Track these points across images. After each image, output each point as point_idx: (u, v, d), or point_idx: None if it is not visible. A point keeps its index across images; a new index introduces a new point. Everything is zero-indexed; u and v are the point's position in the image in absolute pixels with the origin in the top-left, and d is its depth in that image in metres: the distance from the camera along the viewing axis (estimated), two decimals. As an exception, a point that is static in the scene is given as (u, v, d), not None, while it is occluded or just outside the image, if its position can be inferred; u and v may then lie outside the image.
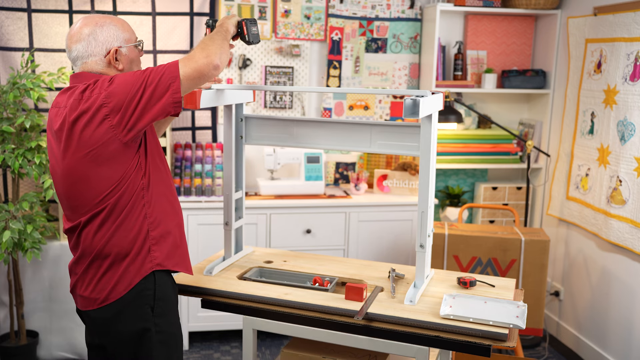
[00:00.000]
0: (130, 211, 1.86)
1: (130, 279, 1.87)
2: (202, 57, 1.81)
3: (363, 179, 3.87)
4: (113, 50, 1.90)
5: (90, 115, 1.77)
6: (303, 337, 2.22)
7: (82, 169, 1.82)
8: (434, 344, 1.91)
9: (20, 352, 3.31)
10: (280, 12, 3.84)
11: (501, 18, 4.03)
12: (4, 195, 3.59)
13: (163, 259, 1.92)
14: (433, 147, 2.05)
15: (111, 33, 1.91)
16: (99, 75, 1.89)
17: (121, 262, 1.87)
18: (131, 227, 1.87)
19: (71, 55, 1.92)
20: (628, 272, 3.22)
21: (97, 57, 1.90)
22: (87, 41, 1.89)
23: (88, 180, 1.83)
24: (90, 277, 1.89)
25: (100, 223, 1.85)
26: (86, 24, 1.90)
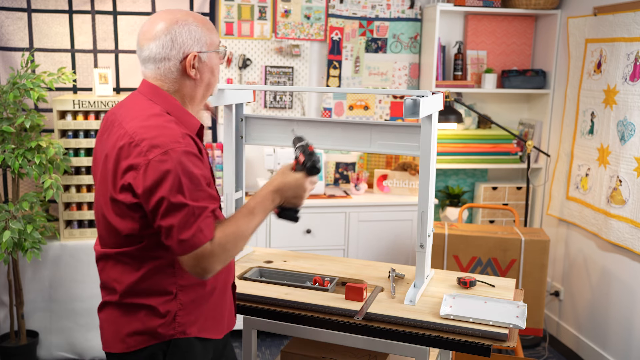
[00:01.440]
0: (155, 271, 1.58)
1: (145, 338, 1.60)
2: (221, 260, 1.50)
3: (363, 179, 3.87)
4: (191, 55, 1.59)
5: (118, 164, 1.52)
6: (303, 337, 2.22)
7: (103, 201, 1.60)
8: (433, 344, 1.91)
9: (20, 352, 3.31)
10: (280, 12, 3.84)
11: (501, 18, 4.03)
12: (4, 195, 3.59)
13: (187, 326, 1.61)
14: (433, 147, 2.05)
15: (192, 34, 1.59)
16: (172, 101, 1.61)
17: (140, 314, 1.59)
18: (160, 281, 1.58)
19: (142, 54, 1.60)
20: (628, 272, 3.22)
21: (171, 62, 1.59)
22: (163, 41, 1.57)
23: (105, 217, 1.59)
24: (106, 312, 1.66)
25: (116, 262, 1.61)
26: (164, 19, 1.59)
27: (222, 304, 1.72)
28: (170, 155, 1.46)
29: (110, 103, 3.39)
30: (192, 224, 1.46)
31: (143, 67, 1.64)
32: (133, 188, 1.49)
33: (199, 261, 1.47)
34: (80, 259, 3.42)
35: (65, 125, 3.37)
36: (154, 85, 1.62)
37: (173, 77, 1.61)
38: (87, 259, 3.43)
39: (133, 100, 1.64)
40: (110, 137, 1.59)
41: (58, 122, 3.35)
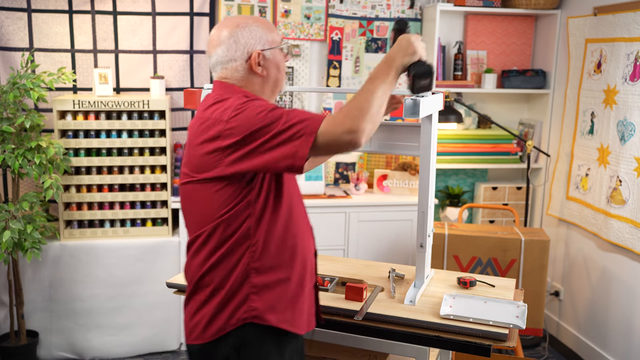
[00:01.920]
0: (232, 250, 1.64)
1: (220, 326, 1.65)
2: (346, 131, 1.51)
3: (363, 179, 3.87)
4: (255, 53, 1.70)
5: (205, 139, 1.61)
6: (303, 337, 2.22)
7: (190, 187, 1.68)
8: (434, 344, 1.91)
9: (20, 352, 3.31)
10: (280, 12, 3.84)
11: (501, 18, 4.03)
12: (4, 195, 3.59)
13: (263, 311, 1.64)
14: (433, 147, 2.05)
15: (253, 34, 1.71)
16: (235, 88, 1.71)
17: (217, 301, 1.65)
18: (229, 267, 1.65)
19: (211, 61, 1.74)
20: (628, 272, 3.22)
21: (237, 63, 1.70)
22: (228, 44, 1.70)
23: (193, 202, 1.68)
24: (190, 306, 1.72)
25: (198, 248, 1.68)
26: (225, 26, 1.72)
27: (301, 299, 1.74)
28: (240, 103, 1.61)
29: (110, 103, 3.39)
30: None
31: (213, 73, 1.76)
32: (219, 142, 1.59)
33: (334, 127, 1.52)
34: (80, 259, 3.42)
35: (65, 125, 3.37)
36: (225, 82, 1.73)
37: (240, 76, 1.72)
38: (87, 259, 3.43)
39: (206, 100, 1.73)
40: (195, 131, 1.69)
41: (58, 122, 3.35)
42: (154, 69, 3.72)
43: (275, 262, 1.67)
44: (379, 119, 1.59)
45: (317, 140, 1.52)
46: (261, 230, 1.65)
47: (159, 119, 3.47)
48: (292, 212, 1.72)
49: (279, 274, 1.68)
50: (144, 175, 3.49)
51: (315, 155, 1.55)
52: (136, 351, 3.57)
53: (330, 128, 1.52)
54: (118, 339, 3.53)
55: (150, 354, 3.60)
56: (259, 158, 1.55)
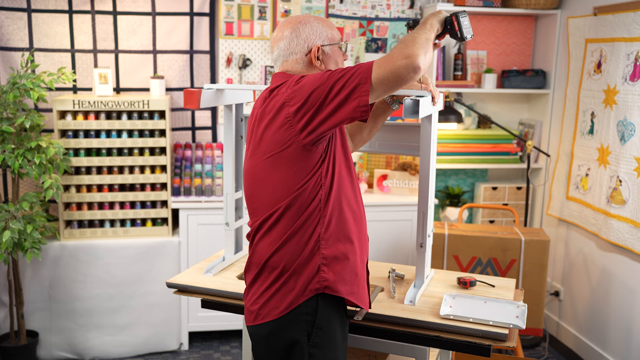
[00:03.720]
0: (304, 223, 1.70)
1: (292, 299, 1.69)
2: (400, 57, 1.57)
3: (363, 179, 3.87)
4: (315, 48, 1.79)
5: (272, 114, 1.68)
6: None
7: (261, 170, 1.73)
8: (434, 344, 1.91)
9: (20, 352, 3.31)
10: (280, 12, 3.84)
11: (501, 18, 4.03)
12: (4, 195, 3.59)
13: (334, 282, 1.71)
14: (433, 147, 2.05)
15: (314, 30, 1.81)
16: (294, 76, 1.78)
17: (287, 278, 1.69)
18: (302, 241, 1.70)
19: (273, 56, 1.85)
20: (628, 272, 3.22)
21: (297, 56, 1.81)
22: (290, 39, 1.80)
23: (265, 183, 1.72)
24: (255, 289, 1.76)
25: (268, 229, 1.72)
26: (288, 23, 1.83)
27: (362, 275, 1.82)
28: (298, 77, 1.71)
29: (110, 103, 3.39)
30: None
31: (275, 67, 1.86)
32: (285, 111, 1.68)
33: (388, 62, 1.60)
34: (80, 259, 3.42)
35: (65, 125, 3.37)
36: (281, 72, 1.82)
37: (300, 68, 1.81)
38: (87, 258, 3.43)
39: (265, 92, 1.81)
40: (250, 120, 1.81)
41: (58, 122, 3.35)
42: (154, 69, 3.72)
43: (342, 233, 1.74)
44: (430, 50, 1.65)
45: (373, 83, 1.58)
46: (330, 201, 1.72)
47: (159, 119, 3.47)
48: (346, 175, 1.79)
49: (344, 246, 1.75)
50: (144, 175, 3.49)
51: (379, 95, 1.61)
52: (136, 351, 3.58)
53: (383, 62, 1.59)
54: (118, 339, 3.53)
55: (150, 354, 3.60)
56: (329, 116, 1.61)
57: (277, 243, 1.71)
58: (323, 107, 1.61)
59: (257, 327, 1.74)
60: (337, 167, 1.74)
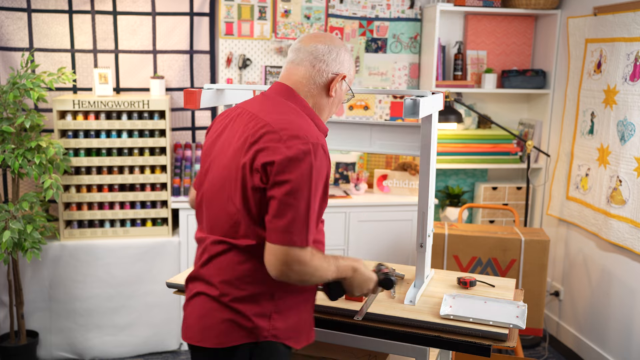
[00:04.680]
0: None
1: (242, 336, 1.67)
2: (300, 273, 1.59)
3: (363, 179, 3.87)
4: (340, 76, 1.76)
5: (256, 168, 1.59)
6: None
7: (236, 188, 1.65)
8: (434, 344, 1.91)
9: (20, 352, 3.31)
10: (280, 12, 3.84)
11: (501, 18, 4.03)
12: (4, 195, 3.59)
13: (283, 331, 1.69)
14: (433, 147, 2.05)
15: (348, 62, 1.80)
16: (311, 111, 1.73)
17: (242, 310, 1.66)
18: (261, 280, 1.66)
19: (307, 48, 1.74)
20: (628, 272, 3.22)
21: (325, 69, 1.74)
22: (330, 49, 1.75)
23: (234, 200, 1.65)
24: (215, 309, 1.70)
25: (239, 252, 1.67)
26: (334, 38, 1.79)
27: (309, 315, 1.80)
28: (309, 146, 1.57)
29: (110, 103, 3.39)
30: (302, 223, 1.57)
31: (293, 60, 1.75)
32: (265, 170, 1.57)
33: (287, 259, 1.57)
34: (80, 259, 3.42)
35: (65, 125, 3.37)
36: (291, 87, 1.74)
37: (321, 82, 1.74)
38: (87, 258, 3.43)
39: (266, 97, 1.75)
40: (243, 127, 1.67)
41: (58, 122, 3.35)
42: (154, 69, 3.72)
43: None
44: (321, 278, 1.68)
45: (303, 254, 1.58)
46: None
47: (159, 119, 3.47)
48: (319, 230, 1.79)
49: (302, 295, 1.74)
50: (143, 175, 3.49)
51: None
52: (136, 351, 3.57)
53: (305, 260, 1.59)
54: (118, 339, 3.53)
55: (150, 354, 3.60)
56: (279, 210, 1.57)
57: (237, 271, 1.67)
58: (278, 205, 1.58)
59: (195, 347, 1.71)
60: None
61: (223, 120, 1.80)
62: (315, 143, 1.59)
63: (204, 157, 1.81)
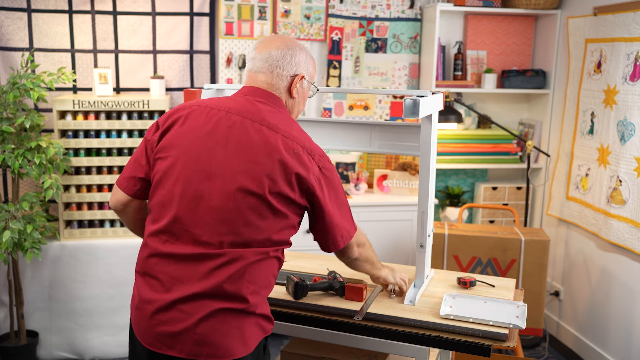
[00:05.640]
0: (275, 265, 1.75)
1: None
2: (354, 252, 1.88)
3: (363, 179, 3.87)
4: (299, 76, 1.80)
5: (292, 184, 1.64)
6: (303, 337, 2.22)
7: (251, 204, 1.64)
8: (434, 344, 1.91)
9: (20, 352, 3.31)
10: (280, 12, 3.84)
11: (501, 18, 4.03)
12: (4, 195, 3.59)
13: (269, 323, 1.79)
14: (433, 147, 2.05)
15: (306, 61, 1.83)
16: (285, 111, 1.78)
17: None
18: (269, 282, 1.74)
19: (258, 56, 1.78)
20: (628, 272, 3.22)
21: (284, 73, 1.78)
22: (284, 53, 1.77)
23: (252, 219, 1.67)
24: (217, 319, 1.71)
25: (248, 264, 1.67)
26: (289, 41, 1.81)
27: None
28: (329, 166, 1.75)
29: (110, 103, 3.39)
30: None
31: (251, 70, 1.79)
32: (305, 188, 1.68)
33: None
34: (80, 259, 3.42)
35: (65, 125, 3.37)
36: (272, 93, 1.77)
37: (281, 87, 1.79)
38: (87, 258, 3.43)
39: (253, 103, 1.73)
40: (243, 134, 1.65)
41: (58, 122, 3.35)
42: (154, 69, 3.72)
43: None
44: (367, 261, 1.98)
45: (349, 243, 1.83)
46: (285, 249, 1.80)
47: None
48: None
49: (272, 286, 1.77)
50: (144, 175, 3.48)
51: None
52: (136, 351, 3.57)
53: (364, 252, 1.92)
54: (118, 339, 3.52)
55: (150, 354, 3.60)
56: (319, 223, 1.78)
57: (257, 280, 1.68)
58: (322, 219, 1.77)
59: None
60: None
61: (200, 120, 1.70)
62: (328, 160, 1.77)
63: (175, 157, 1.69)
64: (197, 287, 1.58)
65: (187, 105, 1.75)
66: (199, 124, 1.68)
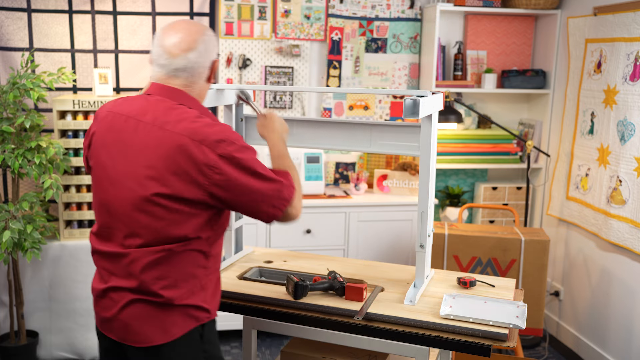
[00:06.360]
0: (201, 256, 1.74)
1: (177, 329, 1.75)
2: (297, 211, 1.78)
3: (363, 179, 3.87)
4: (215, 62, 1.74)
5: (190, 169, 1.60)
6: (303, 337, 2.22)
7: (160, 204, 1.64)
8: (434, 344, 1.91)
9: (20, 352, 3.31)
10: (280, 12, 3.84)
11: (501, 18, 4.03)
12: (4, 195, 3.59)
13: (209, 309, 1.81)
14: (433, 147, 2.05)
15: (214, 43, 1.74)
16: (196, 102, 1.73)
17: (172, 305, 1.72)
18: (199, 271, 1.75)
19: (174, 63, 1.68)
20: (628, 272, 3.22)
21: (203, 69, 1.72)
22: (199, 51, 1.69)
23: (161, 216, 1.65)
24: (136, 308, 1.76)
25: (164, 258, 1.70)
26: (196, 31, 1.70)
27: (218, 287, 1.88)
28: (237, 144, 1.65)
29: (110, 103, 3.38)
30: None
31: (167, 75, 1.70)
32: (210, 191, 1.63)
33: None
34: (80, 258, 3.42)
35: (65, 125, 3.37)
36: (180, 90, 1.71)
37: (201, 84, 1.75)
38: (87, 258, 3.43)
39: (153, 103, 1.70)
40: (137, 138, 1.66)
41: (58, 122, 3.35)
42: (154, 69, 3.72)
43: (218, 263, 1.83)
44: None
45: (284, 213, 1.74)
46: (217, 235, 1.79)
47: (159, 119, 3.47)
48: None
49: (217, 273, 1.83)
50: (144, 175, 3.48)
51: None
52: (136, 351, 3.57)
53: (296, 205, 1.77)
54: (118, 339, 3.52)
55: (150, 354, 3.60)
56: (240, 206, 1.69)
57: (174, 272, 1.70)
58: (241, 202, 1.68)
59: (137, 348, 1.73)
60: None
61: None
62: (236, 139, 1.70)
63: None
64: (121, 281, 1.71)
65: (99, 113, 1.79)
66: (105, 132, 1.73)
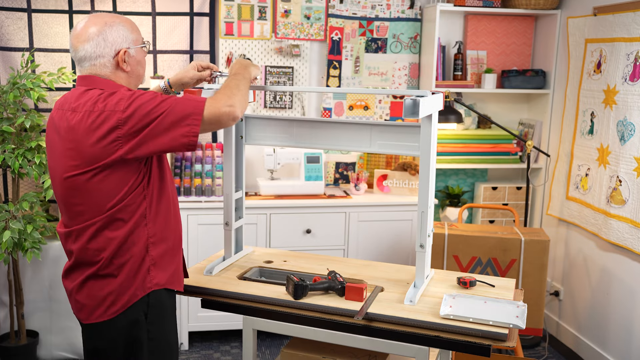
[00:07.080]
0: (134, 230, 1.84)
1: (128, 299, 1.86)
2: (225, 105, 1.77)
3: (363, 179, 3.87)
4: (122, 51, 1.85)
5: (101, 132, 1.74)
6: (303, 337, 2.22)
7: (83, 180, 1.79)
8: (434, 344, 1.91)
9: (20, 352, 3.31)
10: (280, 12, 3.84)
11: (501, 18, 4.03)
12: (4, 195, 3.59)
13: (161, 278, 1.91)
14: (433, 147, 2.05)
15: (120, 33, 1.85)
16: (111, 83, 1.85)
17: (121, 277, 1.84)
18: (132, 244, 1.84)
19: (77, 55, 1.85)
20: (628, 272, 3.22)
21: (105, 59, 1.84)
22: (96, 41, 1.83)
23: (89, 192, 1.80)
24: (88, 287, 1.87)
25: (95, 233, 1.82)
26: (94, 23, 1.84)
27: (179, 260, 2.01)
28: (128, 95, 1.76)
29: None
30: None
31: (79, 67, 1.88)
32: (117, 133, 1.74)
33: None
34: (80, 259, 3.42)
35: (65, 125, 3.36)
36: (90, 75, 1.86)
37: (108, 72, 1.86)
38: (87, 259, 3.43)
39: (71, 94, 1.87)
40: (61, 125, 1.83)
41: (58, 122, 3.35)
42: (154, 69, 3.73)
43: (165, 233, 1.92)
44: (247, 99, 1.91)
45: (204, 118, 1.75)
46: (154, 208, 1.87)
47: (159, 119, 3.47)
48: (170, 186, 1.98)
49: (168, 243, 1.92)
50: (144, 175, 3.48)
51: (202, 131, 1.78)
52: (136, 351, 3.57)
53: (211, 103, 1.77)
54: (118, 339, 3.52)
55: (150, 354, 3.60)
56: (158, 140, 1.75)
57: (109, 246, 1.82)
58: (154, 134, 1.74)
59: (90, 324, 1.88)
60: (158, 173, 1.89)
61: None
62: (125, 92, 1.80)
63: None
64: (72, 260, 1.89)
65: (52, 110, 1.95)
66: (48, 127, 1.91)
